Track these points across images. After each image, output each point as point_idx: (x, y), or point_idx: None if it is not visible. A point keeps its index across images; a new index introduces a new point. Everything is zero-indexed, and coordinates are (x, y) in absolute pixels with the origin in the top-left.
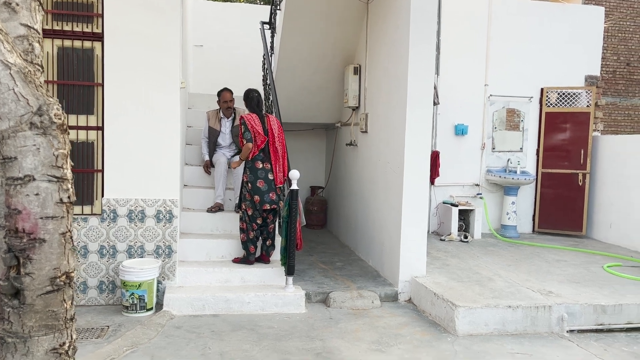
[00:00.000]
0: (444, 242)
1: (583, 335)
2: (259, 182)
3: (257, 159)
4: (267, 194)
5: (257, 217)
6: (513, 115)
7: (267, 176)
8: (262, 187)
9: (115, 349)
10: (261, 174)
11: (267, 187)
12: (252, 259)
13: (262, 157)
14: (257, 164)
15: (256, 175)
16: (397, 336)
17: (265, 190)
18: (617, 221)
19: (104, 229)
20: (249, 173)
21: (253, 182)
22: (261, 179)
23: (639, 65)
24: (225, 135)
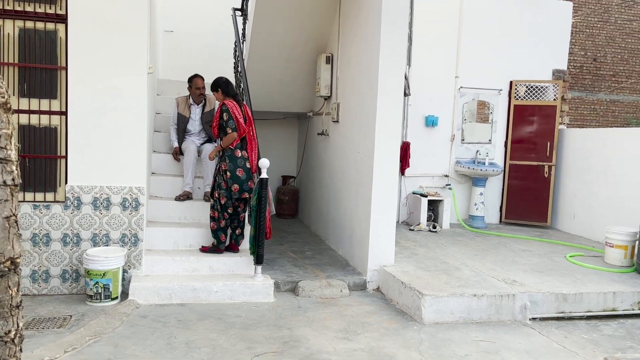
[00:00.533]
0: (413, 232)
1: (545, 323)
2: (238, 170)
3: (237, 148)
4: (246, 183)
5: (229, 206)
6: (483, 107)
7: (245, 165)
8: (241, 175)
9: (78, 338)
10: (240, 163)
11: (246, 176)
12: (222, 248)
13: (241, 146)
14: (237, 153)
15: (236, 164)
16: (365, 324)
17: (244, 179)
18: (581, 212)
19: (68, 216)
20: (229, 162)
21: (233, 170)
22: (240, 167)
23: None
24: (195, 122)
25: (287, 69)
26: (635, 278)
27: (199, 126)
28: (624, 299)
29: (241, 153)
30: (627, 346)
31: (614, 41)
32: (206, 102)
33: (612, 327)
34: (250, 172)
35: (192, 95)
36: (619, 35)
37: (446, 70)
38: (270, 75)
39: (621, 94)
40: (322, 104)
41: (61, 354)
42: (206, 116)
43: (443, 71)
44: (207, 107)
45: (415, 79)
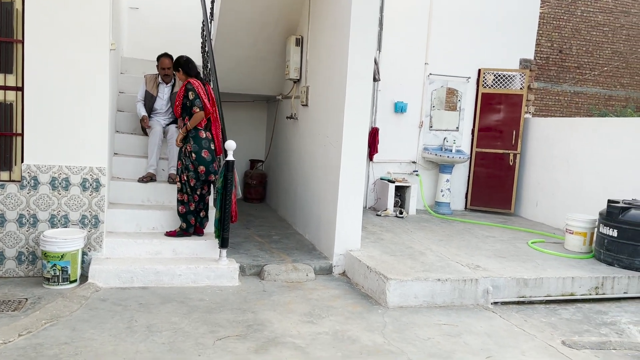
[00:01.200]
0: (380, 218)
1: (506, 307)
2: (203, 152)
3: (201, 128)
4: (211, 164)
5: (198, 187)
6: (451, 94)
7: (210, 146)
8: (207, 157)
9: (33, 322)
10: (205, 144)
11: (211, 158)
12: (191, 232)
13: (206, 126)
14: (201, 134)
15: (201, 145)
16: (329, 308)
17: (209, 161)
18: (543, 200)
19: (24, 196)
20: (193, 142)
21: (198, 152)
22: (205, 148)
23: (570, 52)
24: (163, 101)
25: (256, 51)
26: (593, 264)
27: (165, 106)
28: (582, 284)
29: (205, 134)
30: (584, 330)
31: (579, 33)
32: (175, 82)
33: (570, 312)
34: (214, 154)
35: (160, 74)
36: (584, 28)
37: (416, 56)
38: (238, 56)
39: (585, 86)
40: (292, 87)
41: (15, 338)
42: (175, 96)
43: (413, 57)
44: (177, 87)
45: (385, 64)
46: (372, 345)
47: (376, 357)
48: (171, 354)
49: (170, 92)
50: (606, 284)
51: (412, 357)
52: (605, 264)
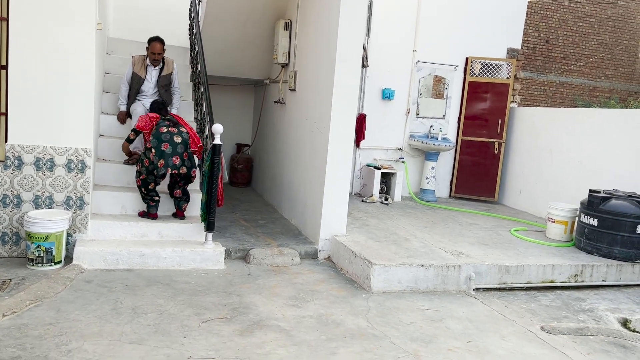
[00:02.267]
0: (366, 204)
1: (488, 293)
2: (163, 145)
3: (161, 126)
4: (170, 158)
5: (151, 182)
6: (439, 82)
7: (173, 138)
8: (166, 150)
9: (17, 302)
10: (165, 137)
11: (172, 150)
12: (153, 212)
13: (166, 124)
14: (162, 129)
15: (160, 139)
16: (314, 292)
17: (169, 153)
18: (526, 189)
19: (7, 176)
20: (152, 138)
21: (157, 146)
22: (166, 141)
23: (556, 43)
24: (150, 83)
25: (244, 34)
26: (574, 252)
27: (153, 88)
28: (562, 271)
29: (167, 129)
30: (563, 316)
31: (566, 24)
32: (164, 66)
33: (549, 298)
34: (178, 147)
35: (149, 58)
36: (571, 19)
37: (404, 43)
38: (226, 39)
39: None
40: (280, 72)
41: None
42: (163, 80)
43: (401, 44)
44: (165, 70)
45: (374, 50)
46: (356, 328)
47: (360, 340)
48: (157, 336)
49: (158, 75)
50: (585, 271)
51: (395, 341)
52: (585, 252)
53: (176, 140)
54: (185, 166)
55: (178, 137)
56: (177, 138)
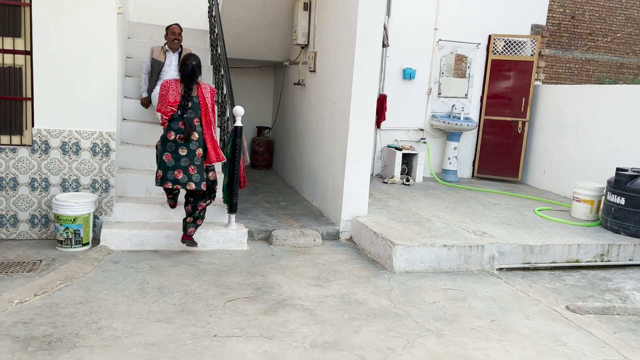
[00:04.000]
0: (387, 185)
1: (511, 273)
2: (165, 155)
3: (170, 129)
4: (171, 172)
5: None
6: (460, 61)
7: (178, 150)
8: (167, 161)
9: (48, 282)
10: (170, 147)
11: (174, 164)
12: (171, 203)
13: (177, 128)
14: (169, 135)
15: (164, 147)
16: (337, 272)
17: (170, 167)
18: (551, 168)
19: (35, 160)
20: (160, 142)
21: (160, 154)
22: (169, 152)
23: (582, 18)
24: (171, 68)
25: (263, 15)
26: (599, 231)
27: (174, 73)
28: (587, 251)
29: (175, 136)
30: (588, 295)
31: None
32: (182, 51)
33: (574, 278)
34: (182, 160)
35: (168, 42)
36: None
37: (425, 22)
38: (246, 21)
39: (597, 53)
40: (299, 53)
41: (31, 297)
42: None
43: (422, 23)
44: (183, 53)
45: (394, 30)
46: (379, 307)
47: (382, 319)
48: (183, 315)
49: (177, 60)
50: (612, 251)
51: (418, 320)
52: (612, 232)
53: (181, 153)
54: (193, 181)
55: (184, 149)
56: (183, 150)
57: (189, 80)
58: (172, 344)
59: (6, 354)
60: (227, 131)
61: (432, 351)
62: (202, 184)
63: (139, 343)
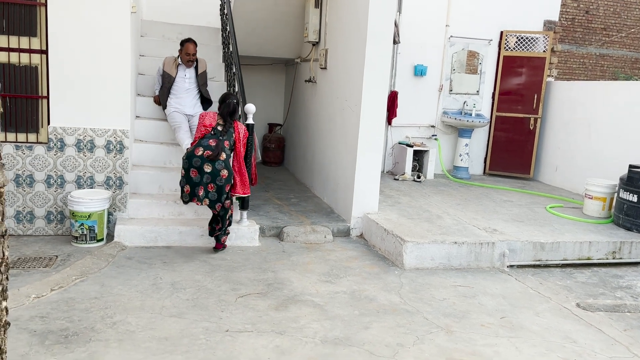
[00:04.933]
0: (398, 182)
1: (522, 270)
2: (192, 171)
3: (200, 145)
4: (197, 187)
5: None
6: (472, 57)
7: (203, 166)
8: (194, 177)
9: (64, 277)
10: (196, 163)
11: (199, 179)
12: (184, 200)
13: (207, 145)
14: (197, 151)
15: (191, 162)
16: (347, 269)
17: (197, 182)
18: (562, 165)
19: (51, 158)
20: (185, 157)
21: (187, 169)
22: (195, 167)
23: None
24: (184, 82)
25: (275, 13)
26: (612, 229)
27: (188, 86)
28: (599, 248)
29: (202, 152)
30: (599, 293)
31: None
32: (198, 65)
33: (586, 275)
34: (205, 177)
35: (182, 60)
36: None
37: (437, 18)
38: (257, 18)
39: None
40: (310, 50)
41: (48, 292)
42: (201, 77)
43: (434, 19)
44: (200, 68)
45: (405, 26)
46: (389, 304)
47: (392, 315)
48: (196, 310)
49: (195, 75)
50: (624, 248)
51: (428, 316)
52: (624, 229)
53: (205, 169)
54: (209, 198)
55: (209, 166)
56: (208, 167)
57: (230, 117)
58: (185, 338)
59: (24, 347)
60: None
61: (442, 347)
62: (217, 204)
63: (152, 337)
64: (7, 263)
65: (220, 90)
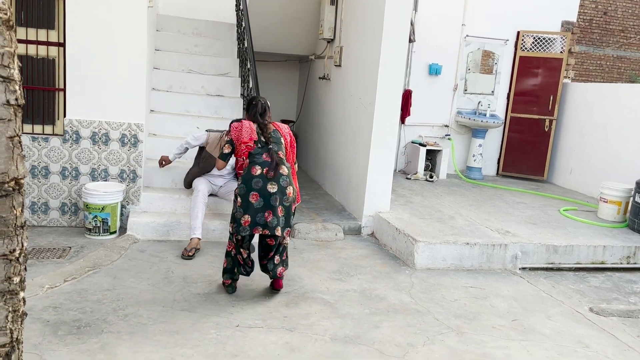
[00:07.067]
0: (410, 181)
1: (534, 273)
2: (252, 195)
3: (255, 164)
4: (261, 213)
5: (246, 243)
6: (487, 57)
7: (266, 187)
8: (255, 202)
9: (78, 269)
10: (257, 185)
11: (263, 203)
12: (230, 292)
13: (263, 161)
14: (254, 170)
15: (249, 185)
16: (358, 267)
17: (259, 207)
18: (577, 167)
19: (66, 150)
20: (240, 182)
21: (244, 195)
22: (256, 190)
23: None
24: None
25: (290, 9)
26: (627, 233)
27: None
28: (613, 252)
29: (261, 170)
30: (613, 297)
31: None
32: None
33: (599, 279)
34: (272, 199)
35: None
36: None
37: (453, 17)
38: (272, 15)
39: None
40: (325, 47)
41: (61, 283)
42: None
43: (450, 18)
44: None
45: (421, 25)
46: (399, 304)
47: (403, 315)
48: (206, 304)
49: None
50: (638, 253)
51: (438, 317)
52: (639, 234)
53: (270, 190)
54: (279, 225)
55: (273, 185)
56: (272, 187)
57: (261, 116)
58: (196, 332)
59: (37, 337)
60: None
61: (452, 348)
62: (287, 230)
63: (164, 331)
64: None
65: (235, 85)
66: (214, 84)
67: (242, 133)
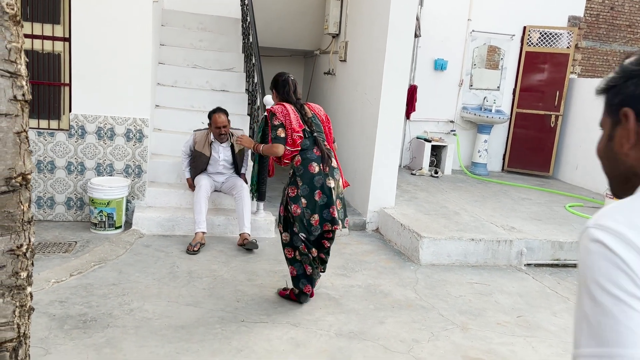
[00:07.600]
0: (415, 177)
1: (539, 269)
2: (316, 193)
3: (310, 161)
4: (327, 209)
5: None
6: (493, 53)
7: (326, 183)
8: (319, 200)
9: (83, 263)
10: (318, 182)
11: (327, 200)
12: (304, 300)
13: (316, 157)
14: (312, 168)
15: (312, 184)
16: (362, 263)
17: (323, 204)
18: (583, 163)
19: (72, 145)
20: (301, 183)
21: (308, 195)
22: (319, 188)
23: (622, 10)
24: (219, 163)
25: (295, 4)
26: None
27: (226, 165)
28: None
29: (319, 167)
30: None
31: None
32: (231, 139)
33: None
34: (332, 193)
35: (214, 135)
36: None
37: (459, 12)
38: (277, 10)
39: (636, 46)
40: (330, 42)
41: (67, 277)
42: (239, 155)
43: (455, 13)
44: (236, 146)
45: (427, 20)
46: (404, 299)
47: (408, 311)
48: (212, 299)
49: (231, 153)
50: None
51: (443, 313)
52: None
53: (329, 184)
54: (341, 219)
55: (330, 180)
56: (330, 181)
57: (295, 94)
58: (201, 327)
59: (43, 331)
60: (257, 120)
61: (457, 344)
62: (346, 219)
63: (169, 325)
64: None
65: (240, 80)
66: (219, 79)
67: (292, 120)
